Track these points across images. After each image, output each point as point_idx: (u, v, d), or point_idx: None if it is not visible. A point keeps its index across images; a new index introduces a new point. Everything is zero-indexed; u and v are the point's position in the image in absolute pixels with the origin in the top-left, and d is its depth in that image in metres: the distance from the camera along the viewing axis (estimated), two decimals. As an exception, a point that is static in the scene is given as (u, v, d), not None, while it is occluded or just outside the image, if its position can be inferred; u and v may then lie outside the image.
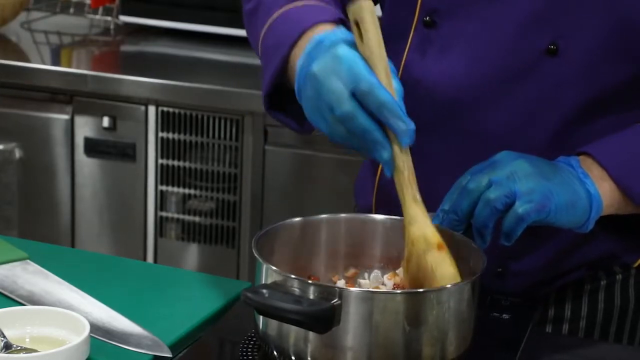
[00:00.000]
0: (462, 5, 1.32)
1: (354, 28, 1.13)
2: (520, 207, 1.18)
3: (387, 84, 1.13)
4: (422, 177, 1.38)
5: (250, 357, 1.18)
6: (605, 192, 1.25)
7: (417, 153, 1.38)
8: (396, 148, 1.14)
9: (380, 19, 1.39)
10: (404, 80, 1.35)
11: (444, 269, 1.14)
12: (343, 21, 1.25)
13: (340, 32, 1.18)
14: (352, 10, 1.12)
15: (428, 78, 1.35)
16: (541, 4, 1.28)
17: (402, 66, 1.37)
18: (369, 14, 1.12)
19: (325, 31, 1.20)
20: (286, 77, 1.27)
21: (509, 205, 1.18)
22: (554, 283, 1.41)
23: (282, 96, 1.30)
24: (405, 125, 1.13)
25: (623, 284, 1.43)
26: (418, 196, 1.17)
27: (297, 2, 1.31)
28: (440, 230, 1.21)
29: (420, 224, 1.17)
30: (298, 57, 1.20)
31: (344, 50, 1.14)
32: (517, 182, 1.19)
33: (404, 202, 1.17)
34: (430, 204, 1.28)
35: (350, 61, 1.13)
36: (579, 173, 1.25)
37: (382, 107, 1.12)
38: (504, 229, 1.19)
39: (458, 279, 1.14)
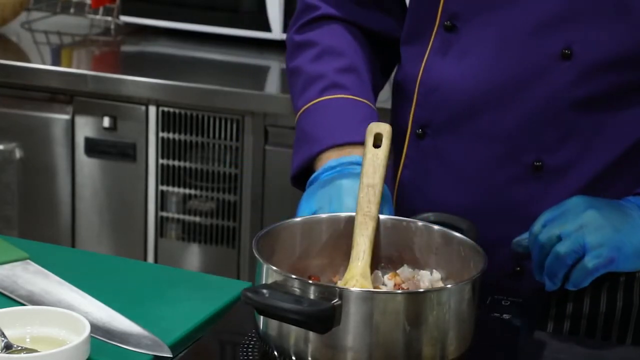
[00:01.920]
0: (482, 10, 1.35)
1: (370, 137, 1.28)
2: (589, 262, 1.22)
3: (379, 185, 1.24)
4: (436, 177, 1.40)
5: (250, 357, 1.18)
6: None
7: (434, 152, 1.41)
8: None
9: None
10: (424, 82, 1.40)
11: None
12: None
13: None
14: (376, 125, 1.29)
15: (447, 80, 1.38)
16: (556, 10, 1.31)
17: (422, 69, 1.41)
18: (388, 134, 1.28)
19: (356, 155, 1.37)
20: (311, 163, 1.43)
21: (579, 258, 1.22)
22: None
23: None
24: None
25: None
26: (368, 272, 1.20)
27: (337, 91, 1.43)
28: (440, 231, 1.22)
29: (369, 283, 1.19)
30: (327, 159, 1.39)
31: None
32: (586, 235, 1.22)
33: (362, 259, 1.20)
34: (444, 204, 1.29)
35: None
36: None
37: None
38: (572, 280, 1.24)
39: None
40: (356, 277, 1.18)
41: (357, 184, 1.29)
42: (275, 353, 1.13)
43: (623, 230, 1.23)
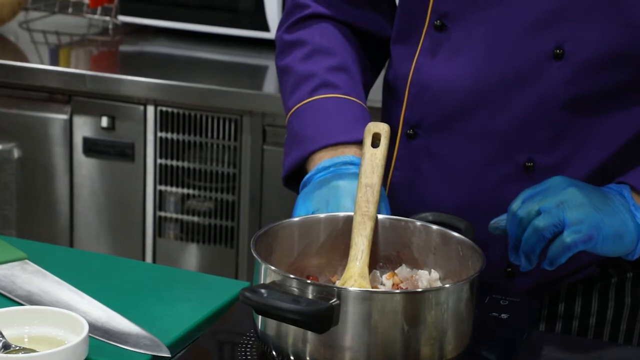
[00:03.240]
0: (472, 9, 1.34)
1: (368, 136, 1.28)
2: (568, 237, 1.19)
3: (378, 185, 1.24)
4: (427, 177, 1.40)
5: (248, 357, 1.18)
6: None
7: (425, 153, 1.41)
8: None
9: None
10: (415, 82, 1.39)
11: None
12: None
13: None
14: (374, 125, 1.30)
15: (437, 80, 1.37)
16: (548, 9, 1.30)
17: (412, 69, 1.40)
18: (386, 134, 1.29)
19: (350, 155, 1.37)
20: (303, 163, 1.42)
21: (557, 234, 1.20)
22: (563, 281, 1.41)
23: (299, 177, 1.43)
24: None
25: (634, 282, 1.43)
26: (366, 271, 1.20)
27: (328, 90, 1.42)
28: (437, 230, 1.22)
29: (368, 283, 1.19)
30: (320, 159, 1.38)
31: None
32: (566, 211, 1.20)
33: (361, 259, 1.20)
34: (436, 204, 1.29)
35: None
36: (631, 205, 1.26)
37: None
38: (549, 255, 1.20)
39: None
40: (354, 277, 1.18)
41: (353, 185, 1.29)
42: (274, 353, 1.13)
43: (603, 210, 1.22)
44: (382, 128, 1.28)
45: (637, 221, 1.25)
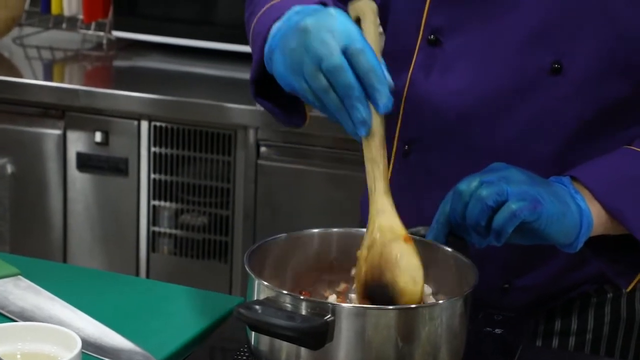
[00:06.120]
0: (467, 23, 1.33)
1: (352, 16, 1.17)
2: (514, 204, 1.15)
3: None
4: (423, 192, 1.39)
5: (242, 373, 1.18)
6: (594, 211, 1.24)
7: (422, 169, 1.39)
8: (375, 117, 1.15)
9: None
10: (409, 98, 1.37)
11: (409, 260, 1.15)
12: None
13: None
14: (354, 7, 1.17)
15: (433, 95, 1.36)
16: (543, 23, 1.29)
17: (407, 85, 1.38)
18: (371, 13, 1.18)
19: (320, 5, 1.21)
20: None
21: (501, 204, 1.16)
22: (560, 297, 1.41)
23: (269, 85, 1.29)
24: (387, 92, 1.14)
25: (629, 298, 1.43)
26: (388, 188, 1.17)
27: None
28: (431, 245, 1.22)
29: (389, 215, 1.17)
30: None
31: (337, 12, 1.16)
32: (509, 184, 1.17)
33: (374, 191, 1.17)
34: (432, 220, 1.28)
35: (344, 21, 1.14)
36: (571, 189, 1.24)
37: (370, 70, 1.13)
38: (495, 225, 1.16)
39: (421, 271, 1.14)
40: (380, 212, 1.16)
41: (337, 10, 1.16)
42: (267, 369, 1.13)
43: (545, 189, 1.19)
44: (363, 8, 1.17)
45: (578, 203, 1.22)
